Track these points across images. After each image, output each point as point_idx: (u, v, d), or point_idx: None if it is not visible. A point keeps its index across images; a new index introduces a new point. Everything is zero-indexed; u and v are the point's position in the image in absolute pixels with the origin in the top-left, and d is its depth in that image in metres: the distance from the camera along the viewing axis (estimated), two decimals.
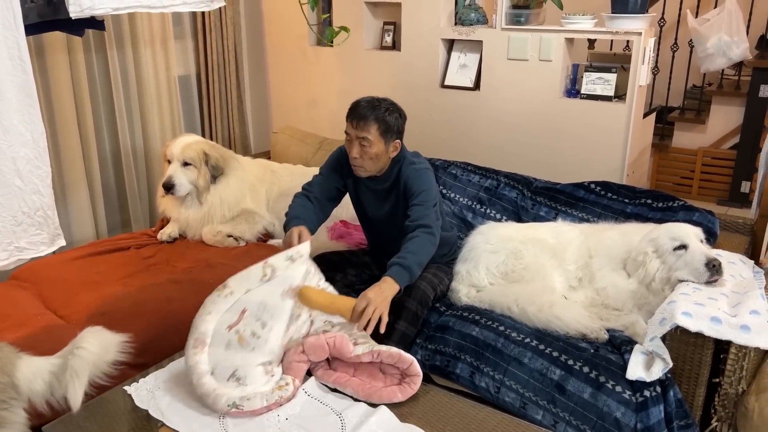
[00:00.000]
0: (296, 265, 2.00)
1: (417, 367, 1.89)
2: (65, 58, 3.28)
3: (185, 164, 3.01)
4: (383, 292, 2.02)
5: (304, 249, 2.05)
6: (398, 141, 2.36)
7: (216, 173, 3.07)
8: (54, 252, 2.53)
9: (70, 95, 3.34)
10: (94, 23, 2.47)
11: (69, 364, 1.60)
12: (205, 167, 3.03)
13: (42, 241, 2.01)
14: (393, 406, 1.79)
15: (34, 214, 1.96)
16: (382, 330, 1.99)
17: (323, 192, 2.50)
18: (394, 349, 1.91)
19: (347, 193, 2.59)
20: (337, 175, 2.51)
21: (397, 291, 2.08)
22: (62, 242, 2.06)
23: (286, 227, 2.36)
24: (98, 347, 1.67)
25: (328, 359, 1.98)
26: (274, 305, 1.91)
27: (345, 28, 3.26)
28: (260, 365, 1.85)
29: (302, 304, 1.97)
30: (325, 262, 2.48)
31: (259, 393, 1.80)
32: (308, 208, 2.45)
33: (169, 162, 3.02)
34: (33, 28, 2.12)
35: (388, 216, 2.50)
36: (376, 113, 2.27)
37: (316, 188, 2.50)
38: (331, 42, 3.20)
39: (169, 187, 3.00)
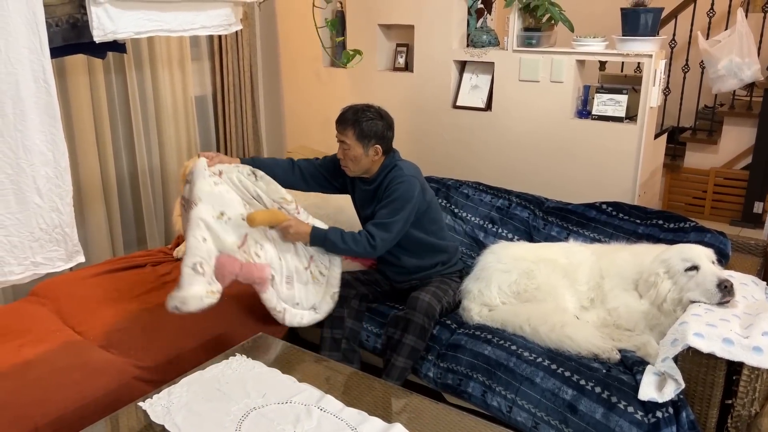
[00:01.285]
0: (192, 185, 2.39)
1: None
2: (86, 79, 3.36)
3: None
4: (300, 231, 2.46)
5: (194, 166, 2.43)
6: (378, 146, 2.52)
7: None
8: (71, 269, 2.58)
9: (89, 115, 3.41)
10: (116, 46, 2.52)
11: None
12: None
13: (59, 257, 2.04)
14: (407, 424, 1.80)
15: (53, 231, 2.00)
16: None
17: (310, 166, 2.77)
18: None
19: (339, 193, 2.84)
20: (338, 171, 2.70)
21: (308, 239, 2.48)
22: (81, 259, 2.10)
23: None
24: None
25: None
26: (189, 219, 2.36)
27: (358, 51, 3.32)
28: (188, 267, 2.23)
29: (253, 225, 2.36)
30: (341, 282, 2.62)
31: (195, 296, 2.19)
32: (279, 163, 2.74)
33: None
34: (57, 51, 2.18)
35: (372, 217, 2.61)
36: (354, 119, 2.50)
37: (306, 161, 2.78)
38: (346, 65, 3.26)
39: None
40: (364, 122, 2.49)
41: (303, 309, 2.50)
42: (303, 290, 2.52)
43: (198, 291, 2.21)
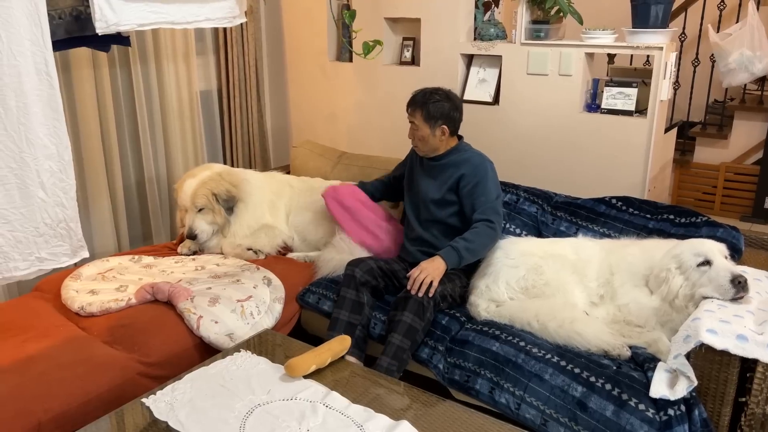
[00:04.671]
0: None
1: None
2: (90, 72, 3.34)
3: (200, 210, 3.06)
4: (434, 263, 2.44)
5: None
6: (444, 126, 2.65)
7: (231, 204, 3.11)
8: (76, 264, 2.57)
9: (94, 109, 3.39)
10: (120, 39, 2.51)
11: None
12: (218, 205, 3.07)
13: (64, 253, 2.03)
14: (414, 421, 1.78)
15: (57, 226, 1.98)
16: (431, 293, 2.41)
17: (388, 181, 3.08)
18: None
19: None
20: (403, 164, 2.98)
21: (446, 267, 2.45)
22: (85, 254, 2.08)
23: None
24: None
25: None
26: None
27: (378, 42, 3.28)
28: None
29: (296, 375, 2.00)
30: (364, 267, 2.62)
31: (98, 301, 2.53)
32: (378, 186, 3.07)
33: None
34: (61, 44, 2.16)
35: (441, 196, 2.69)
36: (422, 101, 2.64)
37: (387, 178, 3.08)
38: (366, 56, 3.23)
39: (192, 237, 3.09)
40: (431, 104, 2.62)
41: (219, 328, 2.46)
42: (226, 315, 2.50)
43: (104, 298, 2.61)
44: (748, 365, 1.92)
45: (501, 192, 2.69)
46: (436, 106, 2.62)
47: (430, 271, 2.41)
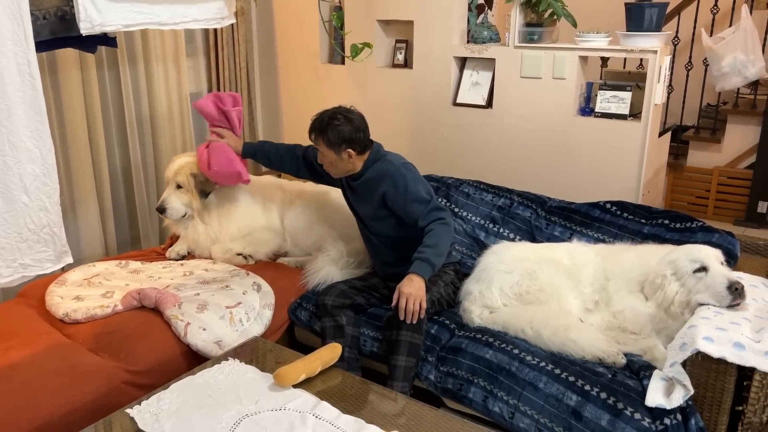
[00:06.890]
0: None
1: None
2: (78, 74, 3.29)
3: (178, 187, 3.01)
4: (414, 283, 2.30)
5: None
6: (349, 150, 2.55)
7: (206, 189, 3.04)
8: (63, 269, 2.52)
9: (82, 111, 3.34)
10: (107, 40, 2.47)
11: None
12: (195, 188, 3.01)
13: (47, 258, 1.98)
14: (405, 431, 1.74)
15: (41, 231, 1.94)
16: (422, 315, 2.32)
17: (309, 155, 2.87)
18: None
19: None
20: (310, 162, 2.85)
21: (424, 281, 2.33)
22: (69, 260, 2.03)
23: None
24: None
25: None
26: None
27: (367, 44, 3.25)
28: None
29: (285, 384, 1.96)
30: (334, 292, 2.59)
31: (84, 308, 2.48)
32: (280, 149, 2.94)
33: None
34: (46, 44, 2.12)
35: (373, 213, 2.63)
36: (321, 129, 2.55)
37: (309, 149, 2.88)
38: (353, 58, 3.20)
39: (161, 211, 3.03)
40: (330, 130, 2.52)
41: (207, 335, 2.41)
42: (215, 321, 2.46)
43: (89, 304, 2.57)
44: (745, 373, 1.89)
45: (428, 185, 2.58)
46: (336, 132, 2.51)
47: (413, 295, 2.29)
